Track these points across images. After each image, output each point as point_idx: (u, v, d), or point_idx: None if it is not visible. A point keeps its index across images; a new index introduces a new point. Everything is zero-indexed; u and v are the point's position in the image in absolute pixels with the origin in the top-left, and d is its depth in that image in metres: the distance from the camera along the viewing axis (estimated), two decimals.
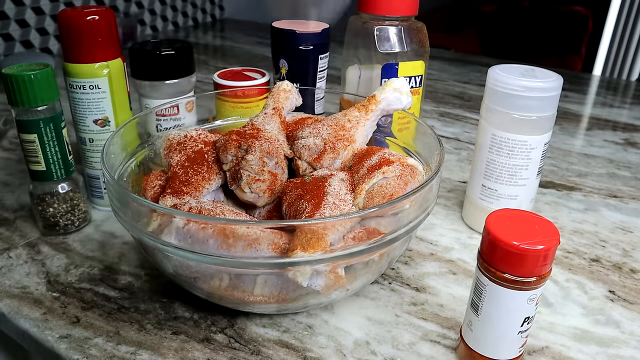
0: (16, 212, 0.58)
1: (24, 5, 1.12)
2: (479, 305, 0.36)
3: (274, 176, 0.43)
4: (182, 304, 0.45)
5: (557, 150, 0.78)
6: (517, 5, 2.75)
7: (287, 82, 0.52)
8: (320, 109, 0.63)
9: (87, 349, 0.40)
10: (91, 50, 0.50)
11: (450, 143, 0.80)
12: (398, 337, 0.42)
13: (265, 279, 0.39)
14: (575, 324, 0.44)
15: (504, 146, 0.50)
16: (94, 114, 0.53)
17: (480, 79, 1.13)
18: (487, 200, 0.53)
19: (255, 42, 1.39)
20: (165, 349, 0.40)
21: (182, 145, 0.46)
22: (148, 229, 0.37)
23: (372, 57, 0.56)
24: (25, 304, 0.45)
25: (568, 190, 0.66)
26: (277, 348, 0.41)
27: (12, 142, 0.76)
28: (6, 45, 1.11)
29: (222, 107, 0.59)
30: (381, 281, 0.48)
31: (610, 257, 0.53)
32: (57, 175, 0.51)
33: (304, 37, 0.59)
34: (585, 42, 2.47)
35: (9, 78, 0.46)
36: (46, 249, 0.52)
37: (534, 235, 0.33)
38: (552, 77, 0.48)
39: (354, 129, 0.47)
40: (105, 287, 0.47)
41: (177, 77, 0.57)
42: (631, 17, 2.12)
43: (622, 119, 0.92)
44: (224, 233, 0.35)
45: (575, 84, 1.11)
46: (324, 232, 0.35)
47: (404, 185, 0.41)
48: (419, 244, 0.54)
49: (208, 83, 0.99)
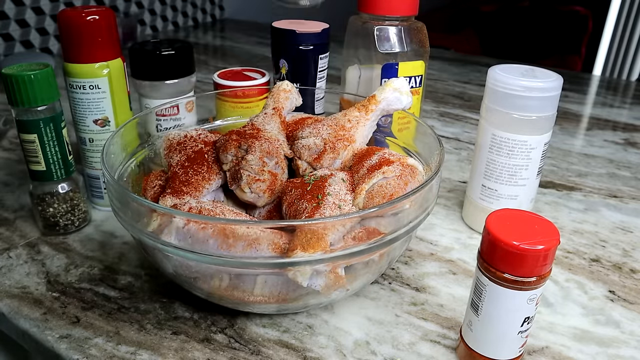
0: (16, 212, 0.58)
1: (24, 5, 1.12)
2: (479, 305, 0.36)
3: (274, 176, 0.43)
4: (182, 304, 0.45)
5: (557, 150, 0.78)
6: (517, 5, 2.75)
7: (287, 82, 0.52)
8: (320, 109, 0.63)
9: (87, 349, 0.40)
10: (91, 50, 0.50)
11: (450, 143, 0.80)
12: (398, 337, 0.42)
13: (265, 279, 0.39)
14: (575, 324, 0.44)
15: (504, 146, 0.50)
16: (94, 114, 0.53)
17: (480, 79, 1.13)
18: (487, 200, 0.53)
19: (255, 42, 1.39)
20: (165, 349, 0.40)
21: (182, 145, 0.46)
22: (148, 229, 0.37)
23: (372, 57, 0.56)
24: (25, 304, 0.45)
25: (568, 190, 0.66)
26: (277, 348, 0.41)
27: (12, 142, 0.76)
28: (6, 45, 1.11)
29: (222, 107, 0.59)
30: (381, 281, 0.48)
31: (610, 257, 0.53)
32: (57, 175, 0.51)
33: (304, 37, 0.59)
34: (585, 42, 2.47)
35: (9, 78, 0.46)
36: (46, 249, 0.52)
37: (534, 235, 0.33)
38: (552, 77, 0.48)
39: (354, 129, 0.47)
40: (105, 287, 0.47)
41: (177, 77, 0.57)
42: (631, 17, 2.12)
43: (622, 119, 0.92)
44: (224, 233, 0.35)
45: (575, 84, 1.11)
46: (324, 232, 0.35)
47: (404, 185, 0.41)
48: (419, 244, 0.54)
49: (208, 83, 0.99)
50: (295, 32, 0.59)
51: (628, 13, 2.13)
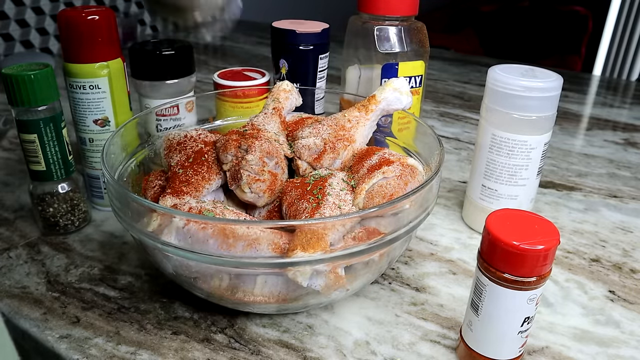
0: (16, 212, 0.58)
1: (24, 5, 1.12)
2: (479, 305, 0.36)
3: (274, 176, 0.43)
4: (182, 304, 0.45)
5: (557, 150, 0.78)
6: (517, 5, 2.75)
7: (287, 82, 0.52)
8: (320, 109, 0.63)
9: (87, 349, 0.40)
10: (91, 50, 0.50)
11: (450, 143, 0.80)
12: (398, 337, 0.42)
13: (265, 279, 0.39)
14: (575, 324, 0.44)
15: (504, 146, 0.50)
16: (94, 114, 0.53)
17: (480, 79, 1.13)
18: (487, 200, 0.53)
19: (255, 42, 1.39)
20: (165, 349, 0.40)
21: (182, 145, 0.46)
22: (148, 229, 0.37)
23: (372, 57, 0.56)
24: (25, 304, 0.45)
25: (568, 190, 0.66)
26: (277, 348, 0.41)
27: (12, 142, 0.76)
28: (6, 45, 1.11)
29: (222, 107, 0.59)
30: (381, 281, 0.48)
31: (610, 257, 0.53)
32: (57, 175, 0.51)
33: (304, 37, 0.59)
34: (585, 42, 2.47)
35: (9, 78, 0.46)
36: (46, 249, 0.52)
37: (534, 235, 0.33)
38: (552, 77, 0.48)
39: (354, 129, 0.47)
40: (105, 287, 0.47)
41: (177, 77, 0.57)
42: (631, 17, 2.12)
43: (622, 119, 0.92)
44: (224, 233, 0.35)
45: (575, 84, 1.11)
46: (324, 232, 0.35)
47: (404, 185, 0.41)
48: (419, 244, 0.54)
49: (208, 83, 0.99)
50: (295, 32, 0.59)
51: (628, 13, 2.13)
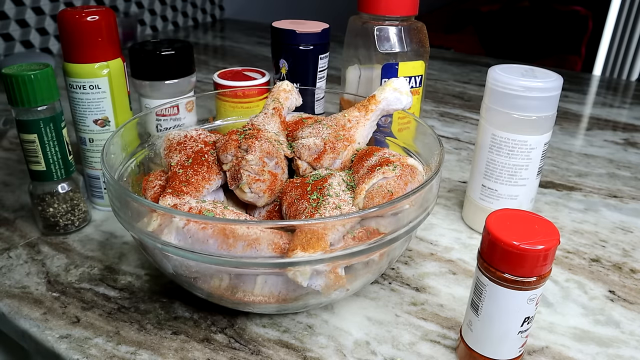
0: (16, 212, 0.58)
1: (24, 5, 1.12)
2: (479, 305, 0.36)
3: (274, 176, 0.43)
4: (182, 304, 0.45)
5: (557, 150, 0.78)
6: (517, 5, 2.75)
7: (287, 82, 0.52)
8: (320, 109, 0.63)
9: (87, 349, 0.40)
10: (91, 50, 0.50)
11: (450, 143, 0.80)
12: (398, 337, 0.42)
13: (265, 279, 0.39)
14: (575, 324, 0.44)
15: (504, 146, 0.50)
16: (94, 114, 0.53)
17: (480, 79, 1.13)
18: (487, 200, 0.53)
19: (255, 42, 1.39)
20: (165, 349, 0.40)
21: (182, 145, 0.46)
22: (148, 229, 0.37)
23: (372, 57, 0.56)
24: (25, 304, 0.45)
25: (568, 190, 0.66)
26: (277, 348, 0.41)
27: (12, 142, 0.76)
28: (6, 45, 1.11)
29: (222, 107, 0.59)
30: (381, 281, 0.48)
31: (610, 257, 0.53)
32: (57, 175, 0.51)
33: (304, 37, 0.59)
34: (585, 42, 2.47)
35: (9, 78, 0.46)
36: (46, 249, 0.52)
37: (534, 235, 0.33)
38: (552, 77, 0.48)
39: (354, 129, 0.47)
40: (105, 287, 0.47)
41: (177, 77, 0.57)
42: (631, 17, 2.12)
43: (622, 119, 0.92)
44: (224, 233, 0.35)
45: (575, 84, 1.11)
46: (324, 232, 0.35)
47: (404, 185, 0.41)
48: (419, 244, 0.54)
49: (208, 83, 0.99)
50: (295, 32, 0.59)
51: (628, 13, 2.13)
